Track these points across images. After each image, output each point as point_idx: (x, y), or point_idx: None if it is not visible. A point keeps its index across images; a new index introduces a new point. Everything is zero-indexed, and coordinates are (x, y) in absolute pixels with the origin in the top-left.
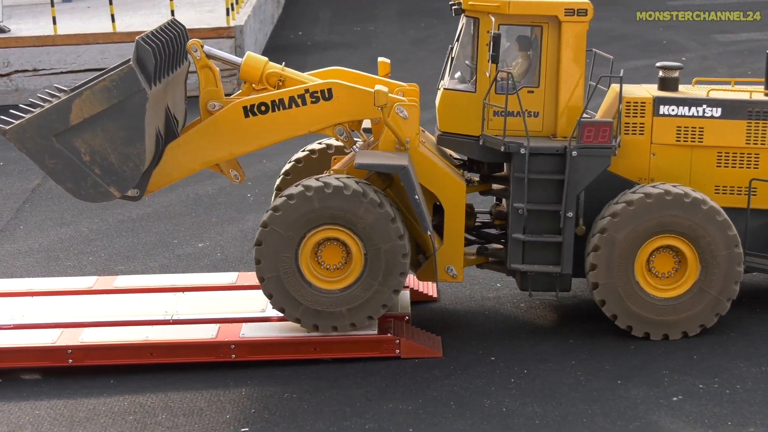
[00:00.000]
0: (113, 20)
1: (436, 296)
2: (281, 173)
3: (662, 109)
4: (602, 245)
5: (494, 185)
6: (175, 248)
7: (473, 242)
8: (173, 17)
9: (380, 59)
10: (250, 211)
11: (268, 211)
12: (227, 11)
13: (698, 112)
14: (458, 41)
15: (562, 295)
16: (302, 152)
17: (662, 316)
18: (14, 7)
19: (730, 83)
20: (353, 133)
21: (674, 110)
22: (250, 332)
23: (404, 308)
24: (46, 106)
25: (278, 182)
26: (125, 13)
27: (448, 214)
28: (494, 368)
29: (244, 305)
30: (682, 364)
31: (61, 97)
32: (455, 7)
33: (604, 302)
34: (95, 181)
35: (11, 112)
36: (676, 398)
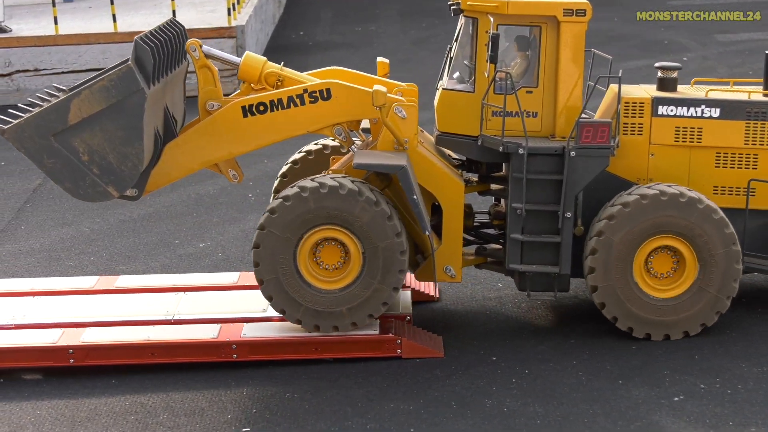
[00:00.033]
0: (114, 20)
1: (437, 296)
2: (278, 175)
3: (661, 109)
4: (599, 248)
5: (493, 185)
6: (176, 248)
7: (472, 242)
8: (173, 17)
9: (379, 59)
10: (251, 211)
11: (264, 213)
12: (228, 11)
13: (697, 112)
14: (457, 41)
15: (562, 295)
16: (298, 154)
17: (662, 316)
18: (15, 7)
19: (728, 83)
20: (352, 133)
21: (673, 111)
22: (251, 332)
23: (405, 308)
24: (44, 105)
25: (276, 185)
26: (126, 13)
27: (446, 214)
28: (496, 368)
29: (245, 305)
30: (683, 364)
31: (59, 96)
32: (454, 7)
33: (603, 305)
34: (94, 180)
35: (10, 111)
36: (677, 398)
